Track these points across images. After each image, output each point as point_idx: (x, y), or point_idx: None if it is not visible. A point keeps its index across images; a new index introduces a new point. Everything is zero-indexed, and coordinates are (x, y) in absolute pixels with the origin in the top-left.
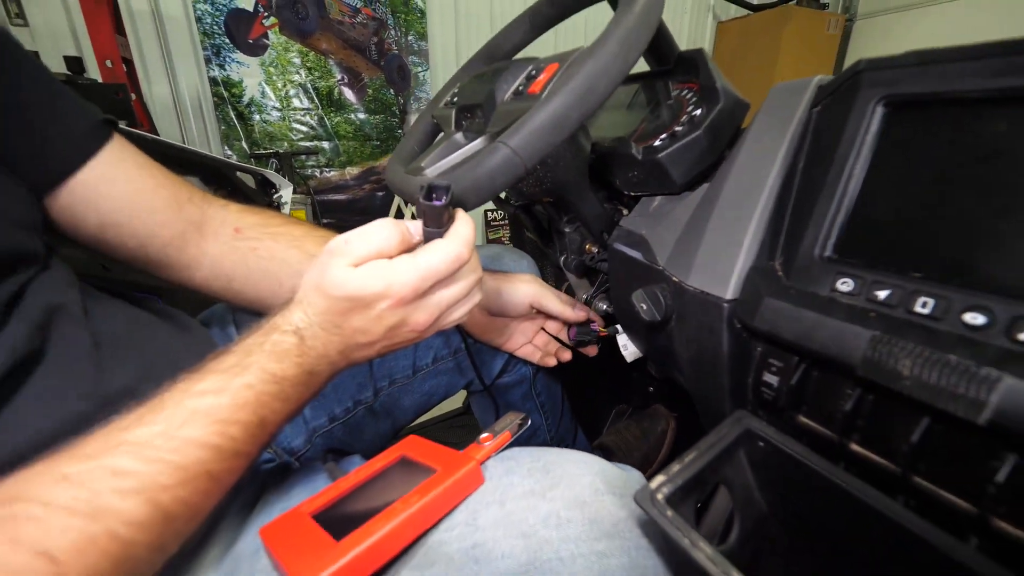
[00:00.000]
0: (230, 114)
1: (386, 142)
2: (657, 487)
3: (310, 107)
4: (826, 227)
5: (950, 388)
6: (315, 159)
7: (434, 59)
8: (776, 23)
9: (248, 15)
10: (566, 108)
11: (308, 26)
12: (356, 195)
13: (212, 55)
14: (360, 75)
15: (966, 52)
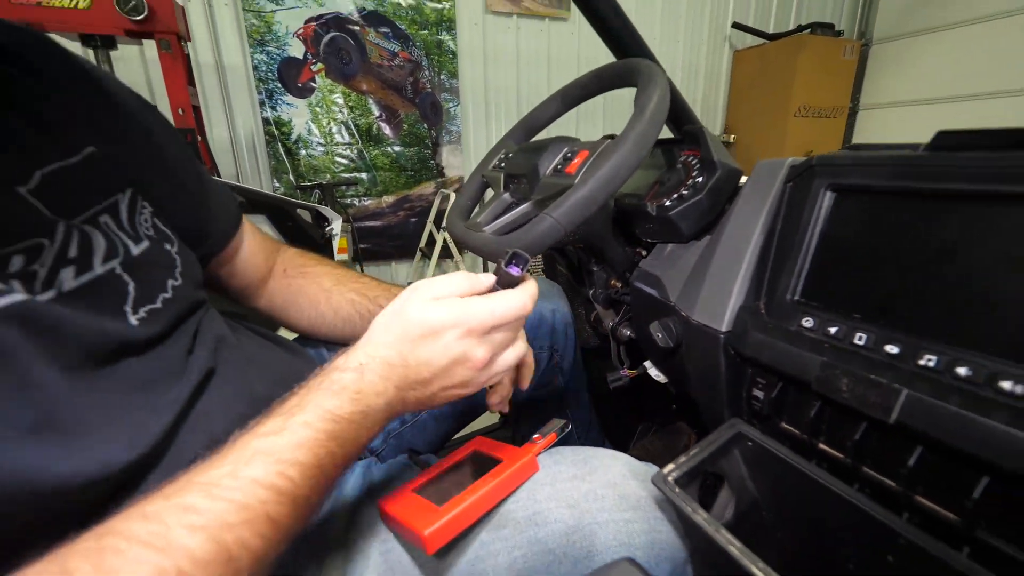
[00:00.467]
0: (279, 150)
1: (419, 172)
2: (668, 472)
3: (351, 142)
4: (795, 277)
5: (872, 398)
6: (354, 189)
7: (464, 95)
8: (791, 51)
9: (298, 62)
10: (595, 191)
11: (351, 70)
12: (391, 221)
13: (266, 98)
14: (396, 111)
15: (880, 158)
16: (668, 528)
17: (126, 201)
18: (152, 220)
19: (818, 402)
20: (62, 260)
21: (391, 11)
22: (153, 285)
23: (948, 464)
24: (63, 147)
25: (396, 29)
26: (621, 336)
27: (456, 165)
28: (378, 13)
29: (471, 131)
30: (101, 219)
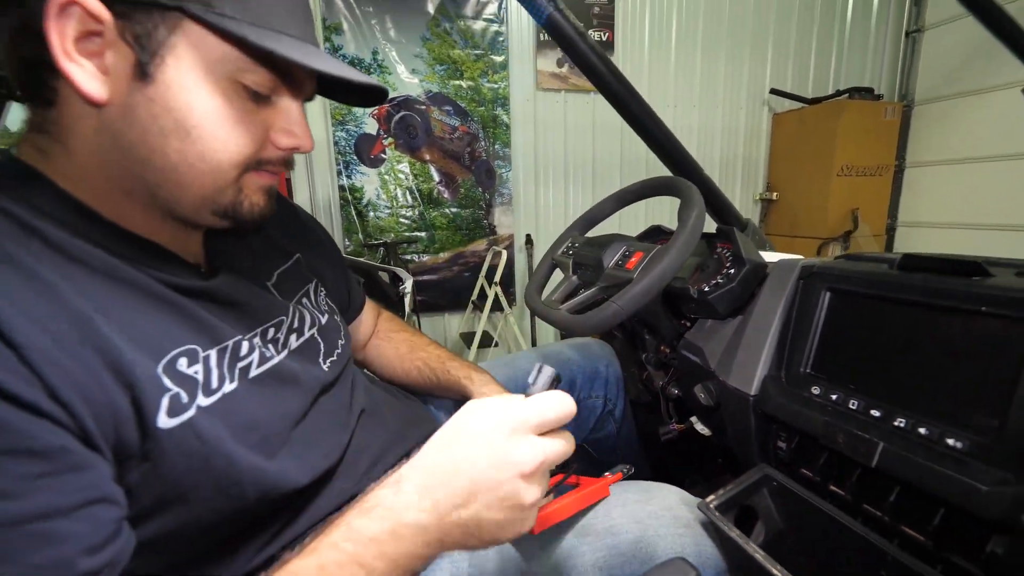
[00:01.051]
0: (352, 213)
1: (473, 231)
2: (710, 500)
3: (413, 204)
4: (806, 354)
5: (859, 448)
6: (415, 246)
7: (515, 162)
8: (831, 114)
9: (372, 137)
10: (650, 286)
11: (417, 143)
12: (446, 276)
13: (343, 168)
14: (455, 177)
15: (864, 272)
16: (710, 544)
17: (313, 287)
18: (326, 299)
19: (826, 452)
20: (291, 330)
21: (453, 92)
22: (332, 344)
23: (917, 499)
24: (283, 255)
25: (457, 107)
26: (669, 394)
27: (507, 224)
28: (442, 94)
29: (521, 193)
30: (304, 300)
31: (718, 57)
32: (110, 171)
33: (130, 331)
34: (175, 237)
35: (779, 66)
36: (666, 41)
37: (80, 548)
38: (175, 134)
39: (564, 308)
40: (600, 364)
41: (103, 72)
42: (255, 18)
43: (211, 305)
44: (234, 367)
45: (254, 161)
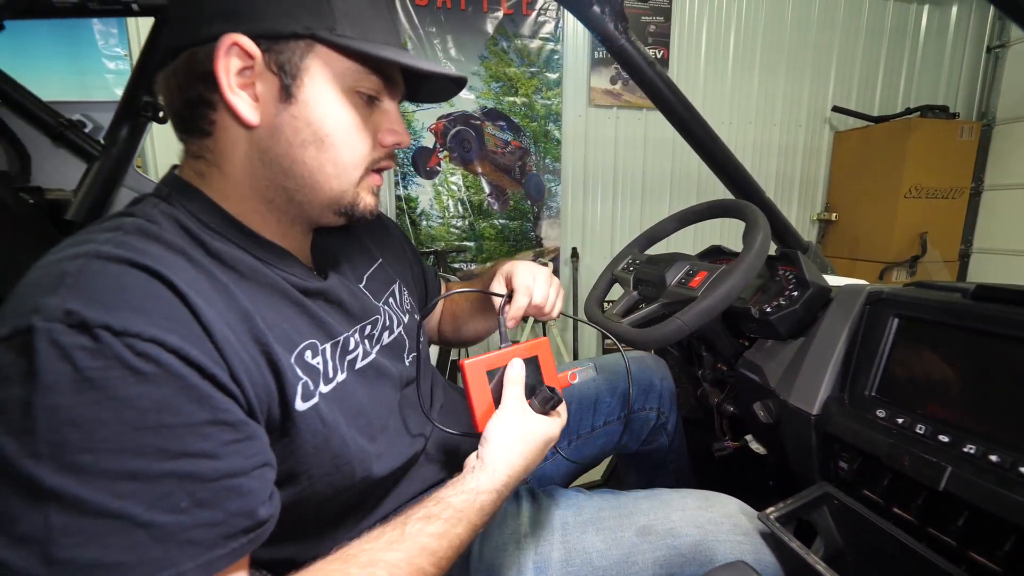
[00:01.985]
0: (406, 221)
1: (520, 242)
2: (770, 512)
3: (464, 215)
4: (871, 378)
5: (926, 471)
6: (463, 255)
7: (565, 176)
8: (899, 133)
9: (429, 151)
10: (715, 304)
11: (470, 156)
12: None
13: (400, 179)
14: (505, 190)
15: (935, 300)
16: (769, 554)
17: (397, 287)
18: (408, 299)
19: (890, 474)
20: (384, 327)
21: (507, 108)
22: (413, 342)
23: (987, 525)
24: (370, 258)
25: (510, 122)
26: (725, 411)
27: (553, 237)
28: (497, 110)
29: (569, 207)
30: (390, 300)
31: (777, 74)
32: (257, 184)
33: (272, 327)
34: (296, 241)
35: (843, 83)
36: (723, 58)
37: (259, 500)
38: (313, 143)
39: (625, 322)
40: (655, 377)
41: (255, 99)
42: (364, 35)
43: (324, 304)
44: (344, 359)
45: (370, 161)
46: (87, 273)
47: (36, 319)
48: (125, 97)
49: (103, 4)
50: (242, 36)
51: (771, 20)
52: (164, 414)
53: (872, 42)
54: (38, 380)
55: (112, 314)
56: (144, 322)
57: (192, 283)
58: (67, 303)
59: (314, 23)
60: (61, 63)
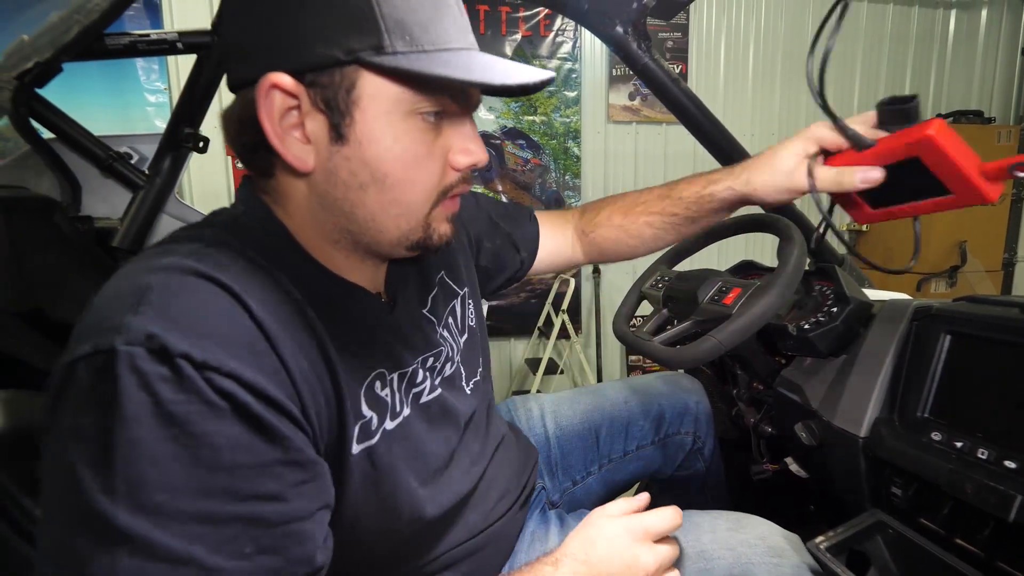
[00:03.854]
0: None
1: None
2: (820, 541)
3: None
4: (923, 398)
5: (992, 500)
6: None
7: (584, 192)
8: None
9: None
10: (751, 322)
11: (490, 175)
12: (513, 302)
13: None
14: None
15: (991, 316)
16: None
17: (459, 301)
18: (472, 312)
19: (950, 502)
20: (446, 359)
21: (527, 127)
22: (472, 366)
23: None
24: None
25: (530, 140)
26: (762, 432)
27: None
28: (516, 128)
29: None
30: (448, 320)
31: (800, 84)
32: (320, 227)
33: (344, 357)
34: (368, 273)
35: (868, 92)
36: (742, 70)
37: (317, 546)
38: (373, 185)
39: (657, 340)
40: (690, 400)
41: (305, 142)
42: (423, 42)
43: (393, 333)
44: (409, 392)
45: (440, 191)
46: (169, 290)
47: (118, 341)
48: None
49: (151, 45)
50: (281, 75)
51: (791, 31)
52: (238, 453)
53: (898, 49)
54: (119, 410)
55: (192, 342)
56: (223, 353)
57: (271, 307)
58: (149, 325)
59: (358, 43)
60: (107, 98)
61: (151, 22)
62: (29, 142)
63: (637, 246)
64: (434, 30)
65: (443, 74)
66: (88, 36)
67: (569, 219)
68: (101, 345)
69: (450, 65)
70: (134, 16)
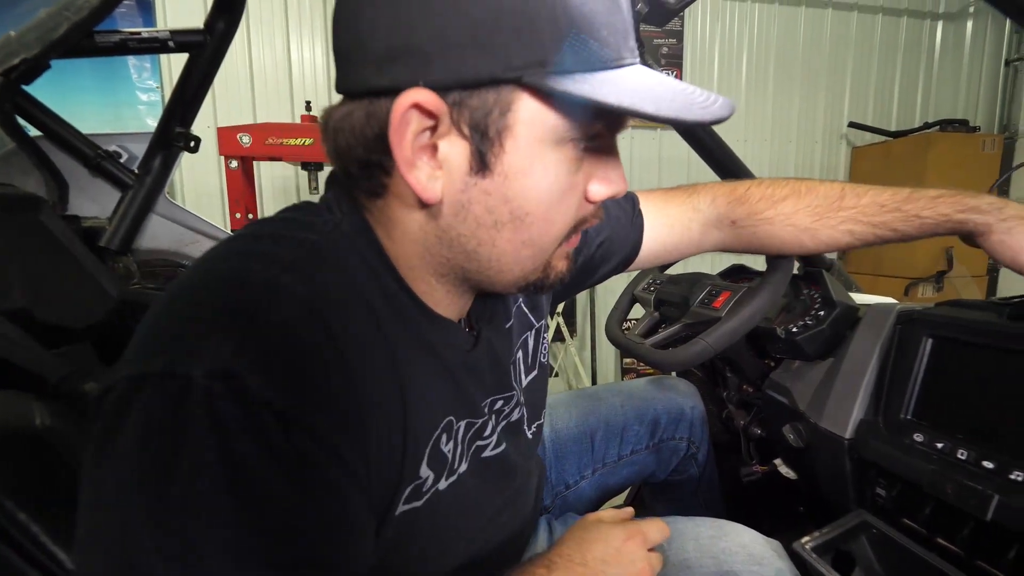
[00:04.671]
0: None
1: None
2: (806, 542)
3: None
4: (906, 401)
5: (971, 500)
6: None
7: None
8: (919, 148)
9: None
10: (740, 325)
11: None
12: None
13: None
14: None
15: (970, 321)
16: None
17: (533, 334)
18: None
19: (932, 502)
20: (516, 404)
21: None
22: (537, 407)
23: None
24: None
25: None
26: (752, 434)
27: None
28: None
29: None
30: (519, 354)
31: (791, 91)
32: (430, 260)
33: (420, 400)
34: (457, 307)
35: (858, 99)
36: (736, 77)
37: None
38: (510, 225)
39: (648, 343)
40: (686, 405)
41: (436, 168)
42: (592, 58)
43: (470, 372)
44: (473, 445)
45: (572, 227)
46: (259, 315)
47: (196, 369)
48: (159, 128)
49: (142, 43)
50: (426, 93)
51: (783, 39)
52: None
53: (887, 58)
54: (187, 455)
55: (276, 387)
56: (305, 403)
57: (366, 348)
58: (234, 358)
59: (524, 58)
60: (98, 96)
61: (143, 20)
62: (14, 139)
63: (815, 248)
64: (610, 42)
65: (624, 106)
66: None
67: (699, 204)
68: (178, 368)
69: (632, 95)
70: (126, 14)
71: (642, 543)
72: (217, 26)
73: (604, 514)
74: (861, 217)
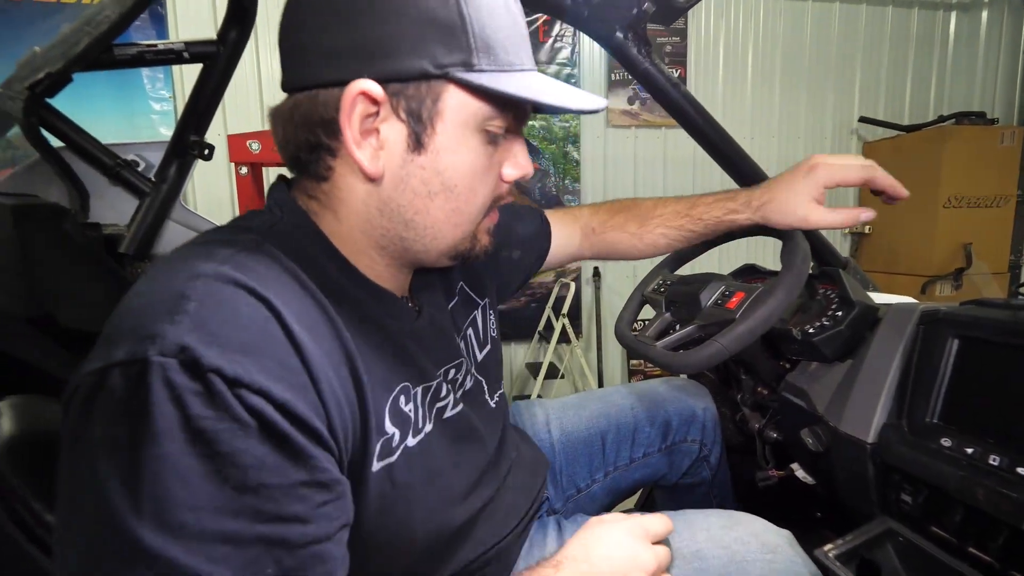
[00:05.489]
0: None
1: None
2: (829, 549)
3: None
4: (932, 404)
5: (1005, 507)
6: None
7: (584, 196)
8: (934, 141)
9: None
10: (755, 326)
11: None
12: (513, 306)
13: None
14: None
15: (999, 320)
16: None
17: (480, 312)
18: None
19: (962, 510)
20: (466, 372)
21: (526, 131)
22: (495, 377)
23: None
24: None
25: (530, 145)
26: (768, 437)
27: None
28: None
29: None
30: (468, 331)
31: (799, 87)
32: (372, 233)
33: (372, 369)
34: (399, 281)
35: (869, 94)
36: (741, 74)
37: (337, 566)
38: (441, 194)
39: (660, 345)
40: (697, 407)
41: (379, 148)
42: (503, 62)
43: (419, 342)
44: (433, 407)
45: (492, 201)
46: (207, 300)
47: (152, 351)
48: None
49: (158, 55)
50: (371, 83)
51: (790, 34)
52: (264, 473)
53: (898, 51)
54: (150, 424)
55: (225, 356)
56: (255, 368)
57: (307, 321)
58: (184, 336)
59: (448, 58)
60: (113, 107)
61: (157, 32)
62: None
63: (646, 251)
64: (512, 51)
65: (526, 96)
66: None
67: (578, 216)
68: (137, 353)
69: (531, 89)
70: (140, 27)
71: (644, 537)
72: (229, 36)
73: (608, 516)
74: (667, 223)
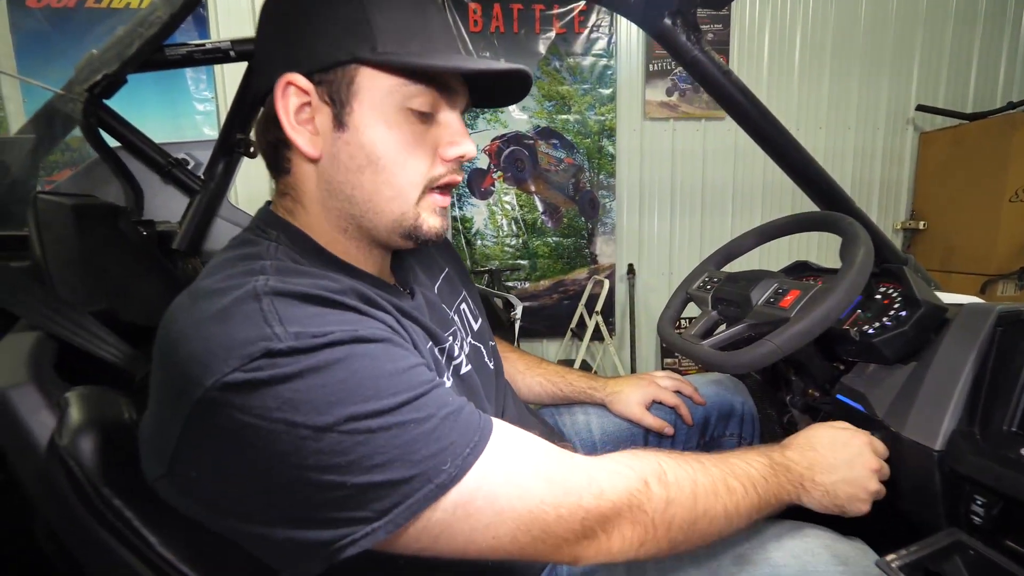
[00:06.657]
0: (461, 242)
1: (574, 259)
2: (892, 559)
3: (518, 233)
4: (1011, 411)
5: None
6: (517, 274)
7: (620, 192)
8: (1001, 131)
9: (483, 172)
10: (812, 326)
11: (524, 176)
12: (546, 303)
13: (455, 200)
14: (558, 208)
15: None
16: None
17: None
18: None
19: None
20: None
21: (560, 126)
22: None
23: None
24: (438, 269)
25: (563, 139)
26: None
27: (608, 253)
28: (550, 128)
29: (624, 223)
30: (462, 306)
31: (850, 75)
32: (329, 214)
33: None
34: (377, 264)
35: (928, 80)
36: (788, 62)
37: None
38: (368, 167)
39: (706, 344)
40: (736, 401)
41: (315, 133)
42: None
43: (420, 314)
44: (450, 364)
45: (429, 179)
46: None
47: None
48: (221, 135)
49: (206, 54)
50: (295, 75)
51: (842, 18)
52: (399, 362)
53: (963, 31)
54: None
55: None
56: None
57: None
58: (290, 327)
59: (356, 47)
60: (159, 107)
61: (199, 34)
62: (97, 150)
63: (524, 389)
64: (419, 37)
65: (422, 63)
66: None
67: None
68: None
69: (433, 58)
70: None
71: (868, 443)
72: None
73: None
74: (546, 376)
